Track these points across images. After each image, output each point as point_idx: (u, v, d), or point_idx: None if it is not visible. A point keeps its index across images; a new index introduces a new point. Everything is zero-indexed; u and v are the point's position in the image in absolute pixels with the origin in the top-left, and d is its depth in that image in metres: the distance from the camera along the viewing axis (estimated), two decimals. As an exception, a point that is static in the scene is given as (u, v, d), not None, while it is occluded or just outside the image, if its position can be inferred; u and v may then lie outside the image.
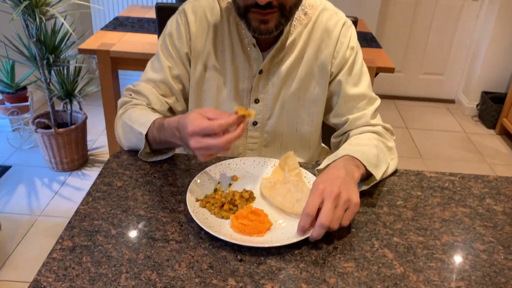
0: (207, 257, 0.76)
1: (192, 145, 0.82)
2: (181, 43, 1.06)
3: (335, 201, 0.78)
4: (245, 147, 1.13)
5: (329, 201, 0.78)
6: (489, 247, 0.83)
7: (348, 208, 0.79)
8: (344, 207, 0.79)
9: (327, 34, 1.05)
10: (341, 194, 0.79)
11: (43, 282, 0.70)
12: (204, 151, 0.82)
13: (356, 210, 0.80)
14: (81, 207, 0.86)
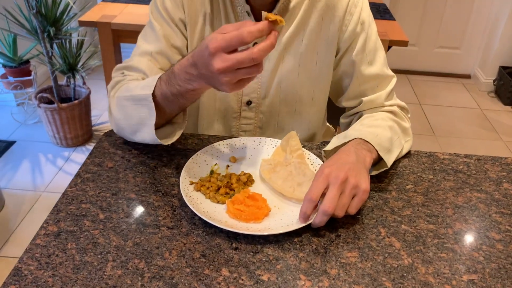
0: (200, 244, 0.71)
1: (216, 66, 0.67)
2: (175, 7, 0.95)
3: (341, 187, 0.72)
4: (239, 129, 1.05)
5: (335, 186, 0.72)
6: (506, 236, 0.76)
7: (356, 195, 0.73)
8: (351, 194, 0.73)
9: (332, 2, 0.95)
10: (348, 179, 0.73)
11: (24, 270, 0.65)
12: (233, 75, 0.68)
13: (364, 198, 0.74)
14: (69, 189, 0.81)
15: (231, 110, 1.03)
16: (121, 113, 0.90)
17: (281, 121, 1.05)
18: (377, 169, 0.87)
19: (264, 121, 1.05)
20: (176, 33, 0.97)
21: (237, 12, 0.95)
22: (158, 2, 0.97)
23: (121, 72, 0.99)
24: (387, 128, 0.89)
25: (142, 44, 0.99)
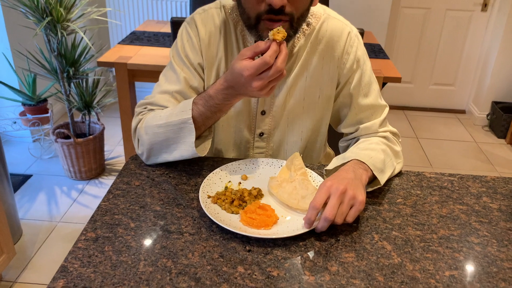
0: (218, 247, 0.82)
1: (254, 85, 0.87)
2: (194, 54, 1.09)
3: (341, 197, 0.84)
4: (252, 158, 1.17)
5: (335, 196, 0.84)
6: (483, 240, 0.87)
7: (354, 205, 0.85)
8: (349, 204, 0.85)
9: (332, 44, 1.08)
10: (347, 191, 0.85)
11: (69, 267, 0.77)
12: (267, 86, 0.88)
13: (361, 208, 0.86)
14: (103, 203, 0.93)
15: (246, 141, 1.16)
16: (156, 139, 1.02)
17: (289, 148, 1.18)
18: (372, 187, 0.99)
19: (274, 149, 1.18)
20: (194, 76, 1.10)
21: None
22: (179, 48, 1.11)
23: (144, 107, 1.12)
24: (381, 151, 1.02)
25: (163, 83, 1.11)
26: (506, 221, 0.93)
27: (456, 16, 3.38)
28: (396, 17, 3.39)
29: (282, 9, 0.91)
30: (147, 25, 2.75)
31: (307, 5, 0.97)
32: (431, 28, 3.43)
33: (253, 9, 0.94)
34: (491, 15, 3.34)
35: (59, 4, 2.14)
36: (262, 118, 1.13)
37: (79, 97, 2.47)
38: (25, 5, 2.13)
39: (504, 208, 0.98)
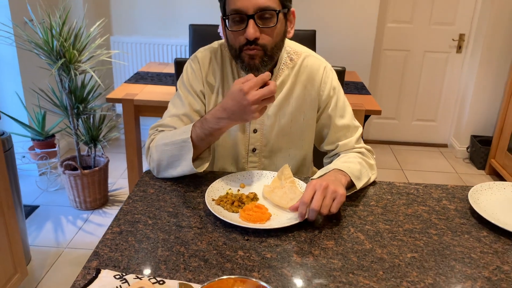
0: (222, 237, 1.00)
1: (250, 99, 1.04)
2: (197, 83, 1.32)
3: (324, 192, 1.03)
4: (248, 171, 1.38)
5: (319, 191, 1.03)
6: (440, 232, 1.06)
7: (335, 198, 1.04)
8: (332, 197, 1.04)
9: (311, 76, 1.32)
10: (329, 186, 1.04)
11: (100, 252, 0.94)
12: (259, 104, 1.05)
13: (342, 200, 1.05)
14: (124, 206, 1.11)
15: (241, 155, 1.36)
16: (163, 156, 1.22)
17: (279, 163, 1.37)
18: (350, 191, 1.18)
19: (265, 164, 1.37)
20: (197, 101, 1.33)
21: None
22: (184, 80, 1.34)
23: (155, 129, 1.33)
24: (357, 163, 1.22)
25: (171, 109, 1.34)
26: (461, 218, 1.12)
27: (434, 57, 3.68)
28: (379, 58, 3.68)
29: (256, 41, 1.15)
30: (150, 66, 2.99)
31: (280, 35, 1.20)
32: (412, 68, 3.72)
33: (236, 43, 1.19)
34: (466, 56, 3.64)
35: (72, 47, 2.38)
36: (254, 135, 1.34)
37: (86, 132, 2.67)
38: (41, 48, 2.36)
39: (460, 208, 1.17)
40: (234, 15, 1.15)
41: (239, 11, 1.14)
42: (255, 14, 1.13)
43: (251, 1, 1.12)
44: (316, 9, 3.38)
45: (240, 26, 1.16)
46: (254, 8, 1.13)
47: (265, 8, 1.13)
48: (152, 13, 3.43)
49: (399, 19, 3.59)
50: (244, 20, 1.14)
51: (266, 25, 1.16)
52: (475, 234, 1.06)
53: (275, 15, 1.15)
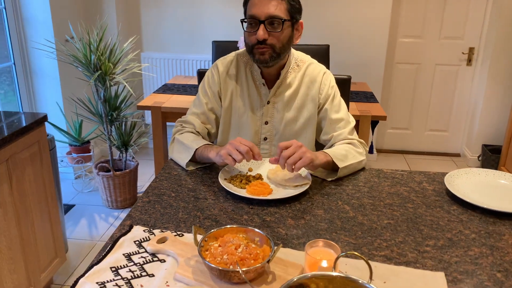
0: (231, 206, 1.22)
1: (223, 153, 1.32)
2: (214, 86, 1.59)
3: (296, 149, 1.29)
4: None
5: (293, 146, 1.29)
6: (416, 205, 1.25)
7: (302, 157, 1.27)
8: (300, 156, 1.28)
9: (313, 79, 1.56)
10: (302, 147, 1.29)
11: (133, 215, 1.17)
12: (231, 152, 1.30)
13: (306, 161, 1.28)
14: (152, 183, 1.35)
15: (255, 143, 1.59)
16: (177, 146, 1.53)
17: None
18: (336, 175, 1.39)
19: (275, 151, 1.60)
20: (211, 101, 1.60)
21: (256, 84, 1.55)
22: (205, 83, 1.62)
23: (180, 123, 1.63)
24: (343, 149, 1.44)
25: (193, 107, 1.63)
26: (436, 196, 1.31)
27: (444, 70, 3.84)
28: (391, 71, 3.87)
29: (265, 41, 1.41)
30: (176, 79, 3.27)
31: (287, 38, 1.45)
32: (423, 80, 3.89)
33: (250, 41, 1.46)
34: (476, 68, 3.79)
35: (107, 60, 2.68)
36: (266, 126, 1.57)
37: (118, 137, 2.95)
38: (80, 62, 2.67)
39: (437, 189, 1.35)
40: (250, 19, 1.43)
41: (253, 16, 1.41)
42: (266, 20, 1.40)
43: (264, 10, 1.39)
44: (329, 24, 3.61)
45: (253, 28, 1.43)
46: (265, 15, 1.40)
47: (274, 16, 1.40)
48: (178, 31, 3.73)
49: (410, 34, 3.78)
50: (257, 24, 1.41)
51: (274, 30, 1.42)
52: (446, 208, 1.25)
53: (281, 23, 1.41)
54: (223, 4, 3.63)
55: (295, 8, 1.45)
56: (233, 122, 1.60)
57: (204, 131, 1.60)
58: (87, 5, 3.52)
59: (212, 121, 1.61)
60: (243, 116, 1.58)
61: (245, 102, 1.57)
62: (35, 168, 1.98)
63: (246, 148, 1.31)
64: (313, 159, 1.31)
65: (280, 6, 1.41)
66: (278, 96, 1.56)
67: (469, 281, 0.94)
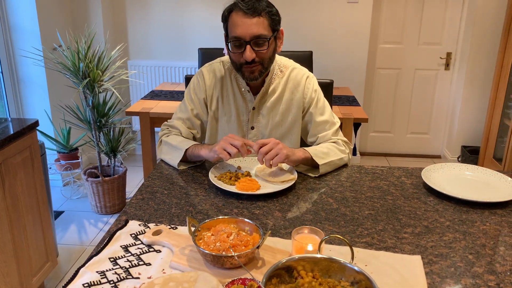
0: (221, 201, 1.29)
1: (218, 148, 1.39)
2: (200, 92, 1.65)
3: (273, 146, 1.37)
4: None
5: (270, 143, 1.37)
6: (395, 197, 1.33)
7: (278, 154, 1.35)
8: (276, 152, 1.36)
9: (297, 83, 1.63)
10: (279, 144, 1.37)
11: (128, 210, 1.23)
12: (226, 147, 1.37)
13: (282, 157, 1.36)
14: (145, 182, 1.41)
15: None
16: (166, 148, 1.59)
17: None
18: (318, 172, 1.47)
19: None
20: (196, 107, 1.66)
21: (241, 90, 1.62)
22: (190, 89, 1.68)
23: (167, 127, 1.68)
24: (325, 147, 1.52)
25: (178, 112, 1.69)
26: (414, 189, 1.40)
27: (424, 75, 3.98)
28: (373, 76, 3.99)
29: (253, 60, 1.47)
30: (163, 86, 3.33)
31: (272, 52, 1.51)
32: (404, 85, 4.02)
33: (237, 61, 1.52)
34: (453, 73, 3.93)
35: (95, 68, 2.73)
36: (252, 131, 1.64)
37: (107, 143, 2.99)
38: (69, 70, 2.71)
39: (415, 183, 1.44)
40: (234, 40, 1.47)
41: (238, 38, 1.46)
42: (251, 40, 1.45)
43: (248, 31, 1.44)
44: (312, 31, 3.72)
45: (239, 49, 1.48)
46: (250, 36, 1.44)
47: (258, 36, 1.45)
48: (165, 38, 3.80)
49: (390, 40, 3.91)
50: (243, 45, 1.46)
51: (260, 48, 1.47)
52: (423, 199, 1.33)
53: (266, 40, 1.47)
54: (209, 12, 3.72)
55: (275, 21, 1.50)
56: (220, 127, 1.66)
57: (190, 135, 1.66)
58: (74, 14, 3.57)
59: (197, 126, 1.67)
60: (229, 122, 1.65)
61: (231, 108, 1.64)
62: (27, 173, 2.01)
63: (240, 142, 1.38)
64: (288, 155, 1.39)
65: (263, 23, 1.45)
66: (263, 102, 1.63)
67: (443, 262, 1.02)
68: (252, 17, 1.44)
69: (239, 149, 1.38)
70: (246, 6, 1.44)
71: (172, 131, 1.65)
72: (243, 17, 1.45)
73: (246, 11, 1.44)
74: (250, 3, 1.45)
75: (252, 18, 1.44)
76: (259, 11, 1.45)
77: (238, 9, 1.46)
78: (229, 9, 1.50)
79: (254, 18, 1.44)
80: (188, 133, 1.65)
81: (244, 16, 1.44)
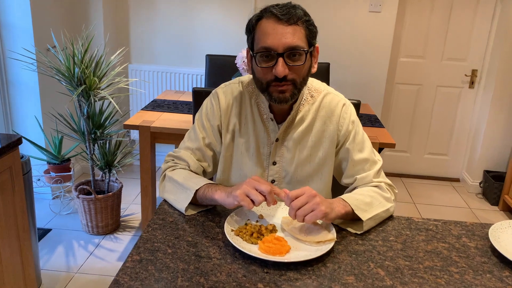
0: (241, 269, 1.00)
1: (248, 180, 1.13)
2: (213, 118, 1.36)
3: (309, 199, 1.09)
4: None
5: (305, 195, 1.09)
6: (462, 270, 1.05)
7: (314, 210, 1.07)
8: (312, 207, 1.08)
9: (331, 112, 1.35)
10: (316, 197, 1.09)
11: (121, 281, 0.94)
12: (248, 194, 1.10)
13: (319, 215, 1.08)
14: (144, 234, 1.12)
15: None
16: (170, 186, 1.30)
17: None
18: (360, 228, 1.18)
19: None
20: (209, 136, 1.38)
21: (263, 118, 1.34)
22: (203, 114, 1.40)
23: (172, 158, 1.40)
24: (368, 196, 1.23)
25: (187, 141, 1.41)
26: (481, 256, 1.11)
27: (446, 92, 3.70)
28: (391, 92, 3.71)
29: (285, 77, 1.19)
30: (166, 94, 3.04)
31: (307, 71, 1.24)
32: (424, 102, 3.74)
33: (264, 78, 1.23)
34: (478, 91, 3.65)
35: (92, 74, 2.44)
36: (273, 167, 1.35)
37: (102, 157, 2.70)
38: (63, 75, 2.42)
39: (480, 246, 1.16)
40: (264, 52, 1.19)
41: (269, 49, 1.17)
42: (285, 52, 1.17)
43: (281, 40, 1.16)
44: (330, 42, 3.44)
45: (269, 63, 1.19)
46: (284, 47, 1.16)
47: (294, 47, 1.17)
48: (170, 42, 3.51)
49: (412, 54, 3.63)
50: (274, 57, 1.18)
51: (295, 63, 1.19)
52: (497, 273, 1.05)
53: (303, 54, 1.19)
54: (219, 15, 3.43)
55: (313, 33, 1.24)
56: (235, 161, 1.38)
57: (199, 169, 1.38)
58: (72, 13, 3.27)
59: (209, 158, 1.39)
60: (247, 155, 1.36)
61: (250, 138, 1.36)
62: (4, 199, 1.72)
63: (268, 188, 1.10)
64: (327, 213, 1.10)
65: (299, 33, 1.19)
66: (289, 133, 1.35)
67: None
68: (287, 24, 1.17)
69: (266, 197, 1.10)
70: (280, 12, 1.17)
71: (179, 164, 1.37)
72: (276, 24, 1.18)
73: (281, 16, 1.17)
74: (285, 8, 1.18)
75: (288, 26, 1.17)
76: (295, 19, 1.18)
77: (270, 14, 1.19)
78: (258, 17, 1.22)
79: (290, 27, 1.18)
80: (197, 167, 1.37)
81: (278, 22, 1.17)
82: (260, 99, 1.33)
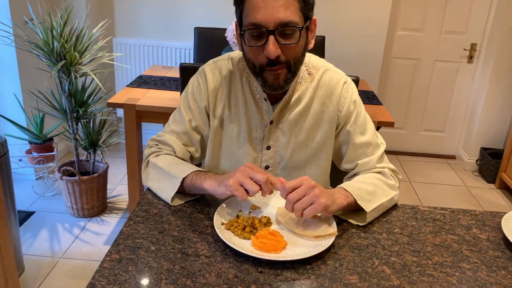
0: (232, 269, 0.90)
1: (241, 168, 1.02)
2: (200, 98, 1.24)
3: (307, 190, 0.97)
4: None
5: (303, 187, 0.98)
6: (474, 266, 0.96)
7: (314, 202, 0.97)
8: (311, 200, 0.97)
9: (330, 91, 1.22)
10: (315, 189, 0.98)
11: (97, 284, 0.84)
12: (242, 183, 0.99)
13: (319, 208, 0.97)
14: (124, 228, 1.01)
15: None
16: (154, 173, 1.19)
17: None
18: (363, 219, 1.08)
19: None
20: (196, 118, 1.25)
21: (256, 98, 1.21)
22: (189, 94, 1.26)
23: (155, 143, 1.28)
24: (371, 184, 1.13)
25: (172, 124, 1.28)
26: (494, 250, 1.02)
27: (444, 67, 3.58)
28: (388, 67, 3.58)
29: (278, 59, 1.05)
30: (153, 70, 2.89)
31: (302, 49, 1.10)
32: (421, 77, 3.62)
33: (256, 60, 1.10)
34: (477, 66, 3.54)
35: (73, 49, 2.28)
36: (267, 152, 1.24)
37: (86, 136, 2.57)
38: (41, 49, 2.26)
39: (492, 238, 1.06)
40: (252, 29, 1.05)
41: (258, 25, 1.03)
42: (276, 30, 1.03)
43: (273, 15, 1.02)
44: (325, 14, 3.28)
45: (258, 42, 1.06)
46: (275, 23, 1.02)
47: (287, 23, 1.03)
48: (156, 15, 3.33)
49: (409, 27, 3.49)
50: (264, 35, 1.04)
51: (288, 42, 1.05)
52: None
53: (297, 31, 1.05)
54: (207, -14, 3.25)
55: (309, 5, 1.08)
56: (225, 146, 1.26)
57: (186, 155, 1.26)
58: (51, -18, 3.07)
59: (196, 142, 1.27)
60: (238, 139, 1.24)
61: (241, 121, 1.23)
62: (-23, 184, 1.60)
63: (263, 176, 0.99)
64: (328, 205, 0.99)
65: (292, 7, 1.03)
66: (284, 115, 1.22)
67: None
68: None
69: (262, 186, 0.99)
70: None
71: (163, 149, 1.25)
72: None
73: None
74: None
75: None
76: None
77: None
78: None
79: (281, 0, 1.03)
80: (184, 152, 1.25)
81: None
82: (252, 77, 1.20)
